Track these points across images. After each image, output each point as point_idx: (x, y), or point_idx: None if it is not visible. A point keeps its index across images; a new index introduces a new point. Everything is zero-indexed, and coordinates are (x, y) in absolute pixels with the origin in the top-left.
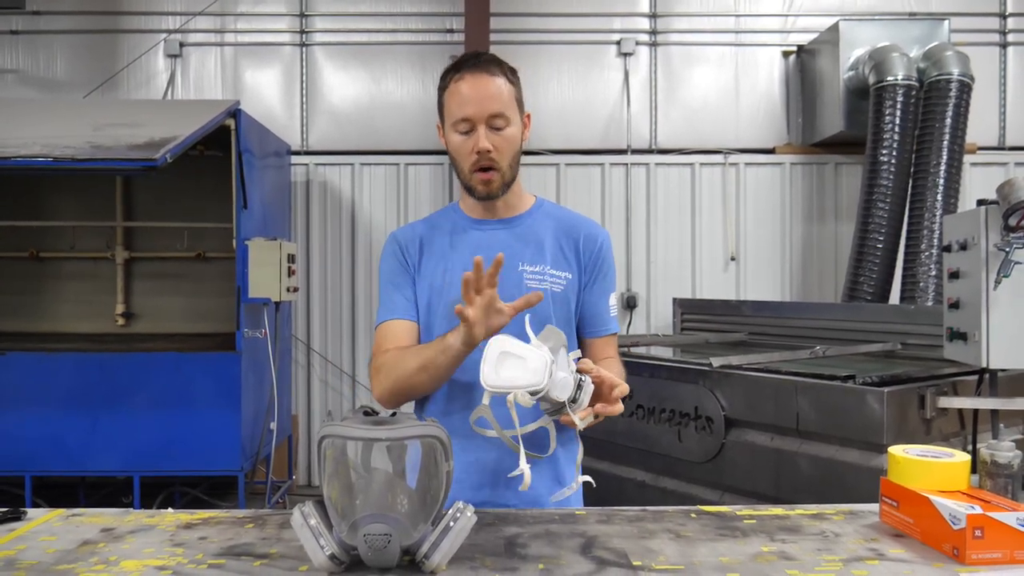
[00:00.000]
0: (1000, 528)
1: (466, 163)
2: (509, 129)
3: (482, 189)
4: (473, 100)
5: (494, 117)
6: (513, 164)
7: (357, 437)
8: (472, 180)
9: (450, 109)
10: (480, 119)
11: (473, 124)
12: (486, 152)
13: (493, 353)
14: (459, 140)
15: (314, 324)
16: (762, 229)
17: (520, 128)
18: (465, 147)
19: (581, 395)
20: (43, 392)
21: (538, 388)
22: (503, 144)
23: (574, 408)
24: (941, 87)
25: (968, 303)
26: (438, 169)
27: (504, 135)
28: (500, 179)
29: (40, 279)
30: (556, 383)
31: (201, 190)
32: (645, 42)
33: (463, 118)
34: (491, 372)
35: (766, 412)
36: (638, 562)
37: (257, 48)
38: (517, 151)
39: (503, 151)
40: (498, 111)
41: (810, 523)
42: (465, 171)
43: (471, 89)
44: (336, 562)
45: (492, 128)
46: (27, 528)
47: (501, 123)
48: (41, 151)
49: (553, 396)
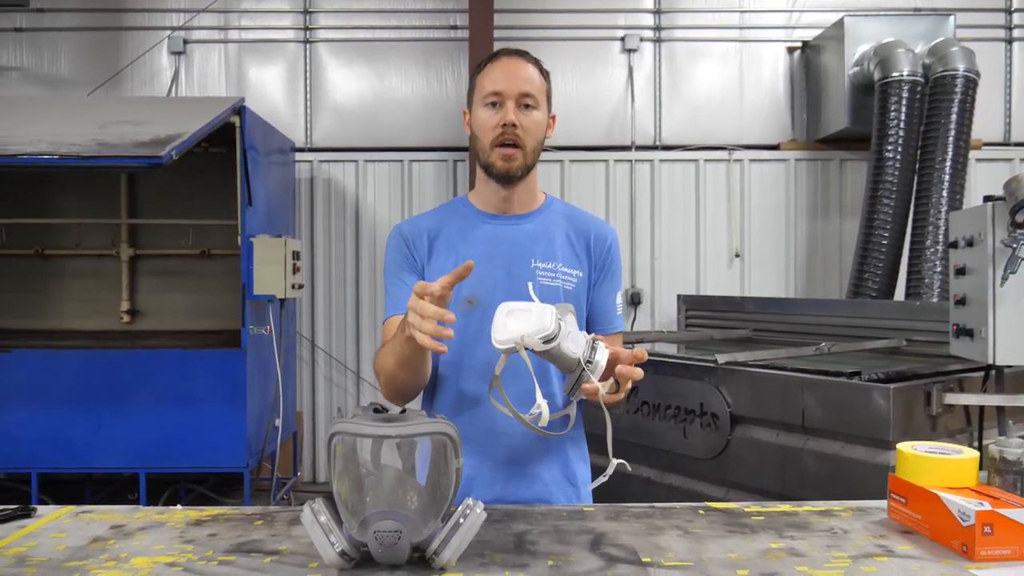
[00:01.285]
0: (1009, 525)
1: (489, 137)
2: (537, 113)
3: (502, 165)
4: (507, 77)
5: (525, 96)
6: (536, 150)
7: (367, 434)
8: (492, 155)
9: (482, 86)
10: (511, 95)
11: (503, 98)
12: (512, 126)
13: (500, 315)
14: (486, 114)
15: (319, 321)
16: (766, 225)
17: (547, 118)
18: (491, 120)
19: (596, 356)
20: (48, 389)
21: (547, 333)
22: (530, 125)
23: (591, 369)
24: (946, 83)
25: (974, 299)
26: (442, 166)
27: (532, 116)
28: (522, 159)
29: (45, 276)
30: (567, 336)
31: (206, 187)
32: (649, 38)
33: (494, 91)
34: (500, 328)
35: (771, 409)
36: (647, 559)
37: (261, 45)
38: (541, 139)
39: (529, 131)
40: (529, 91)
41: (818, 520)
42: (486, 146)
43: (506, 69)
44: (346, 559)
45: (522, 107)
46: (37, 525)
47: (530, 103)
48: (47, 149)
49: (566, 349)
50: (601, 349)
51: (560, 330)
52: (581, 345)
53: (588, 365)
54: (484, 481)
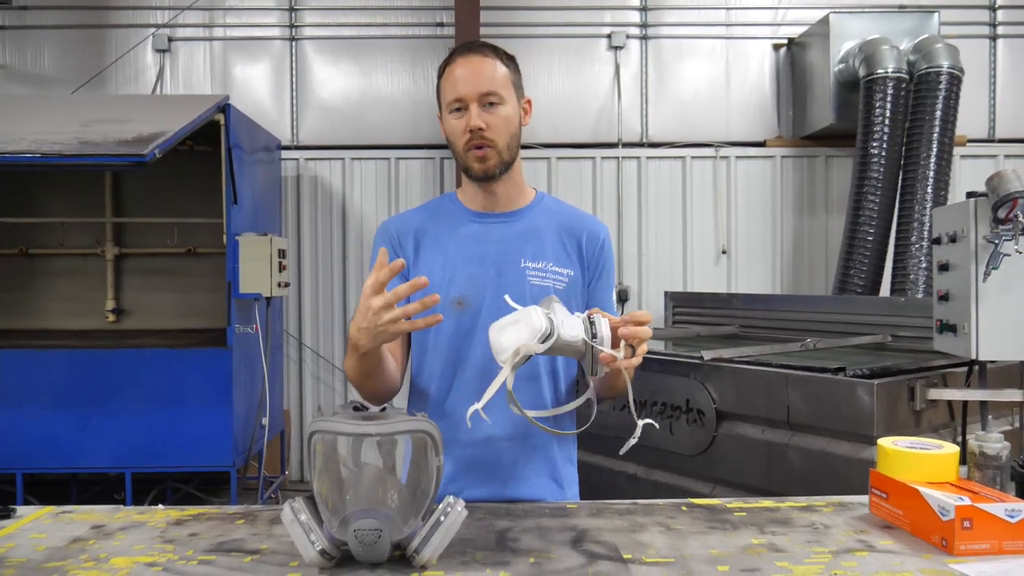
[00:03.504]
0: (988, 519)
1: (460, 143)
2: (503, 108)
3: (478, 167)
4: (464, 80)
5: (486, 95)
6: (511, 145)
7: (347, 432)
8: (467, 159)
9: (445, 93)
10: (472, 98)
11: (465, 103)
12: (478, 130)
13: (493, 335)
14: (454, 120)
15: (305, 319)
16: (753, 222)
17: (517, 110)
18: (459, 127)
19: (598, 328)
20: (34, 389)
21: (542, 332)
22: (497, 122)
23: (598, 343)
24: (931, 79)
25: (958, 295)
26: (429, 163)
27: (498, 113)
28: (497, 157)
29: (30, 276)
30: (563, 325)
31: (191, 186)
32: (636, 35)
33: (455, 98)
34: (497, 348)
35: (757, 405)
36: (628, 555)
37: (246, 43)
38: (514, 132)
39: (497, 129)
40: (489, 89)
41: (800, 515)
42: (460, 151)
43: (463, 70)
44: (326, 557)
45: (485, 106)
46: (17, 526)
47: (494, 100)
48: (29, 147)
49: (568, 337)
50: (600, 321)
51: (553, 324)
52: (579, 328)
53: (594, 340)
54: (470, 482)
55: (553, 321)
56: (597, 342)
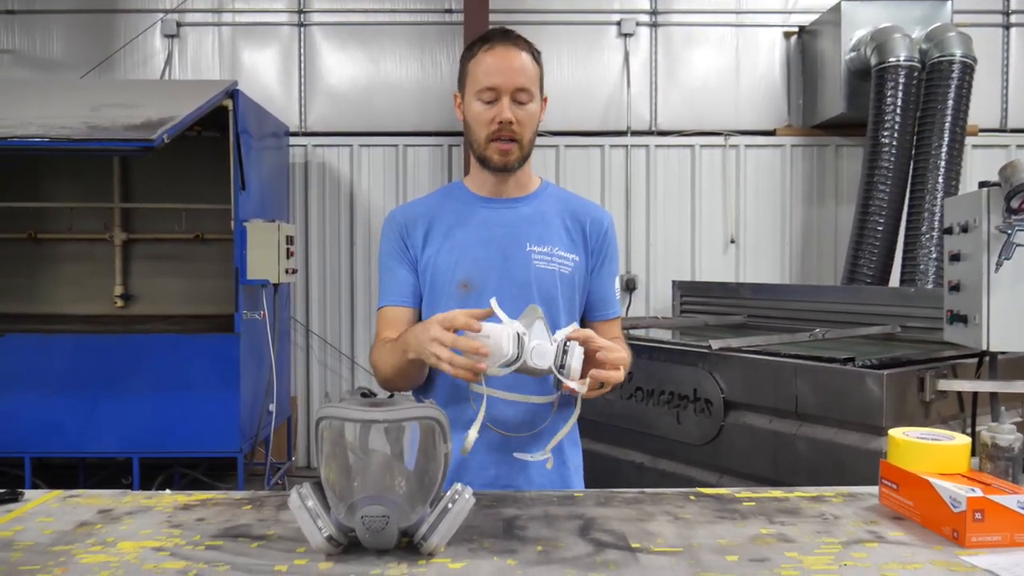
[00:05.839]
0: (1000, 511)
1: (484, 132)
2: (531, 105)
3: (499, 159)
4: (501, 71)
5: (519, 91)
6: (531, 140)
7: (355, 419)
8: (488, 149)
9: (475, 77)
10: (506, 90)
11: (498, 94)
12: (508, 123)
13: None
14: (481, 108)
15: (313, 306)
16: (762, 211)
17: (540, 107)
18: (486, 115)
19: (568, 359)
20: (42, 374)
21: (506, 359)
22: (526, 118)
23: (564, 374)
24: (943, 68)
25: (969, 286)
26: (437, 151)
27: (527, 110)
28: (519, 152)
29: (38, 261)
30: (532, 351)
31: (199, 171)
32: (645, 23)
33: (489, 87)
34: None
35: (765, 395)
36: (636, 544)
37: (255, 28)
38: (536, 129)
39: (525, 125)
40: (524, 85)
41: (809, 506)
42: (481, 140)
43: (500, 60)
44: (333, 544)
45: (516, 102)
46: (24, 509)
47: (525, 98)
48: (37, 132)
49: (532, 365)
50: (574, 352)
51: (522, 350)
52: (548, 358)
53: (561, 370)
54: (476, 466)
55: (524, 346)
56: (564, 372)
